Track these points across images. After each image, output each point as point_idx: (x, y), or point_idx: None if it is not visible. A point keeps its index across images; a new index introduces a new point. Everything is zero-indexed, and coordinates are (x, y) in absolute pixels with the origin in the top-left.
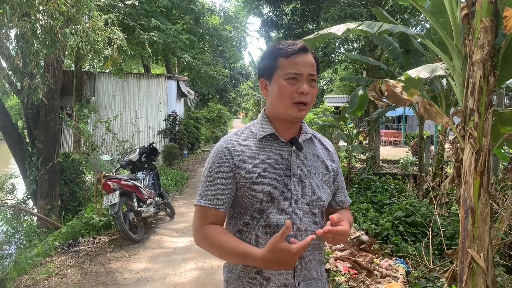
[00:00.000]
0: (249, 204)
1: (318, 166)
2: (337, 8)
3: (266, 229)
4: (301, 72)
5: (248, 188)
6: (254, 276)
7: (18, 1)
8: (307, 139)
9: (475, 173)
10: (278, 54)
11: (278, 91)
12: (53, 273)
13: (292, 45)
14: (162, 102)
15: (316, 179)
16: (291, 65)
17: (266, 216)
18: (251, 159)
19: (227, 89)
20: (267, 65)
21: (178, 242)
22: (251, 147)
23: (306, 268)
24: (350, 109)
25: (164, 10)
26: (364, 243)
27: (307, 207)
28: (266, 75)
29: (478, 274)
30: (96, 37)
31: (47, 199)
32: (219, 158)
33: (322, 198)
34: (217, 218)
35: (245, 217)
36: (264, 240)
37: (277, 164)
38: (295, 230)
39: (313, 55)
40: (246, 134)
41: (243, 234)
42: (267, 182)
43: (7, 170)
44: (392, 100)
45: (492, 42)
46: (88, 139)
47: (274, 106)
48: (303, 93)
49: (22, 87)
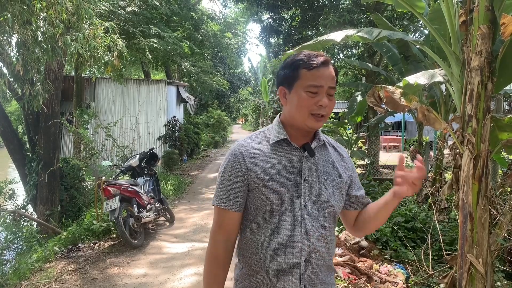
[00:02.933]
0: (260, 206)
1: (330, 172)
2: (336, 15)
3: (275, 231)
4: (322, 85)
5: (259, 190)
6: (262, 276)
7: (20, 9)
8: (320, 145)
9: (473, 178)
10: (300, 65)
11: (298, 101)
12: (53, 278)
13: (315, 57)
14: (162, 107)
15: (327, 185)
16: (313, 77)
17: (276, 219)
18: (263, 163)
19: (227, 95)
20: (288, 75)
21: (177, 248)
22: (263, 151)
23: (313, 272)
24: (349, 114)
25: (164, 17)
26: (363, 248)
27: (316, 212)
28: (286, 84)
29: (477, 280)
30: (96, 44)
31: (47, 205)
32: (232, 161)
33: (331, 204)
34: (232, 219)
35: (257, 219)
36: (273, 242)
37: (289, 169)
38: (303, 234)
39: (334, 67)
40: (260, 138)
41: (254, 235)
42: (278, 185)
43: (7, 176)
44: (390, 106)
45: (490, 49)
46: (88, 145)
47: (292, 115)
48: (322, 106)
49: (23, 93)
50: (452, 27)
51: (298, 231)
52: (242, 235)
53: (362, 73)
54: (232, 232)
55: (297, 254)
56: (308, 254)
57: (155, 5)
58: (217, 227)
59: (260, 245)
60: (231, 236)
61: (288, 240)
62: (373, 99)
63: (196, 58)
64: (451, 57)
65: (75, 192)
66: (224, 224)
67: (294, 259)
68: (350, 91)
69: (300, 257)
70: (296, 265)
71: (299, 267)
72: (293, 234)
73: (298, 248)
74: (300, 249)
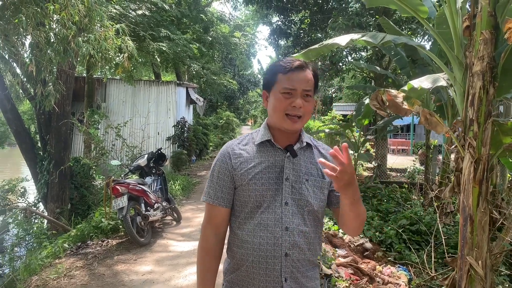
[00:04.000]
0: (244, 202)
1: (312, 173)
2: (345, 18)
3: (258, 227)
4: (295, 88)
5: (243, 188)
6: (246, 269)
7: (33, 11)
8: (303, 147)
9: (474, 181)
10: (277, 70)
11: (274, 103)
12: (62, 274)
13: (291, 62)
14: (171, 108)
15: (308, 185)
16: (288, 80)
17: (258, 215)
18: (247, 162)
19: (236, 96)
20: (268, 79)
21: (183, 246)
22: (249, 151)
23: (294, 266)
24: (357, 117)
25: (174, 20)
26: (367, 250)
27: (296, 210)
28: (266, 88)
29: (476, 282)
30: (107, 45)
31: (57, 203)
32: (220, 160)
33: (311, 203)
34: (220, 214)
35: (242, 215)
36: (256, 236)
37: (271, 168)
38: (284, 229)
39: (313, 72)
40: (247, 140)
41: (239, 230)
42: (260, 183)
43: (19, 174)
44: (393, 110)
45: (492, 54)
46: (98, 144)
47: (271, 116)
48: (295, 107)
49: (35, 93)
50: (455, 32)
51: (279, 226)
52: (230, 230)
53: (370, 76)
54: (220, 225)
55: (278, 249)
56: (288, 248)
57: (165, 8)
58: (207, 221)
59: (245, 240)
60: (219, 229)
61: (269, 235)
62: (376, 102)
63: (206, 60)
64: (454, 62)
65: (85, 191)
66: (213, 218)
67: (275, 253)
68: (359, 93)
69: (281, 251)
70: (277, 258)
71: (279, 260)
72: (274, 229)
73: (279, 243)
74: (281, 244)
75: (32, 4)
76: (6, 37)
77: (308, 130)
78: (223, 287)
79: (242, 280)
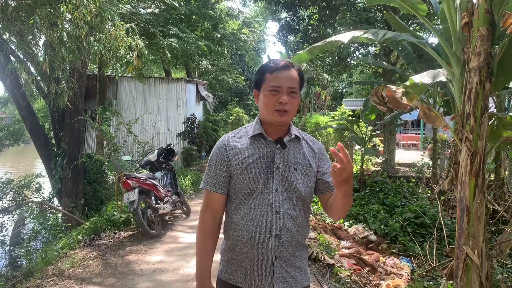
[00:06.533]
0: (239, 190)
1: (301, 162)
2: (353, 13)
3: (251, 211)
4: (281, 85)
5: (237, 176)
6: (240, 249)
7: (47, 12)
8: (292, 139)
9: (470, 174)
10: (265, 70)
11: (263, 100)
12: (77, 263)
13: (276, 62)
14: (181, 105)
15: (297, 173)
16: (274, 79)
17: (251, 201)
18: (241, 153)
19: (246, 92)
20: (257, 79)
21: (192, 238)
22: (243, 143)
23: (283, 246)
24: (364, 112)
25: (183, 18)
26: (372, 242)
27: (286, 196)
28: (257, 87)
29: (472, 270)
30: (118, 44)
31: (71, 198)
32: (216, 151)
33: (299, 189)
34: (217, 200)
35: (236, 201)
36: (249, 220)
37: (263, 159)
38: (275, 213)
39: (297, 71)
40: (242, 133)
41: (234, 214)
42: (253, 172)
43: (34, 170)
44: (393, 105)
45: (488, 50)
46: (110, 141)
47: (262, 112)
48: (282, 103)
49: (49, 91)
50: (453, 28)
51: (270, 211)
52: (226, 214)
53: (379, 71)
54: (217, 210)
55: (269, 230)
56: (278, 230)
57: (174, 6)
58: (205, 206)
59: (239, 223)
60: (216, 214)
61: (261, 218)
62: (376, 98)
63: (214, 57)
64: (452, 58)
65: (98, 186)
66: (210, 203)
67: (267, 234)
68: (368, 89)
69: (272, 233)
70: (268, 239)
71: (270, 241)
72: (265, 213)
73: (270, 225)
74: (272, 226)
75: (46, 5)
76: (21, 37)
77: (317, 125)
78: (221, 266)
79: (237, 259)
